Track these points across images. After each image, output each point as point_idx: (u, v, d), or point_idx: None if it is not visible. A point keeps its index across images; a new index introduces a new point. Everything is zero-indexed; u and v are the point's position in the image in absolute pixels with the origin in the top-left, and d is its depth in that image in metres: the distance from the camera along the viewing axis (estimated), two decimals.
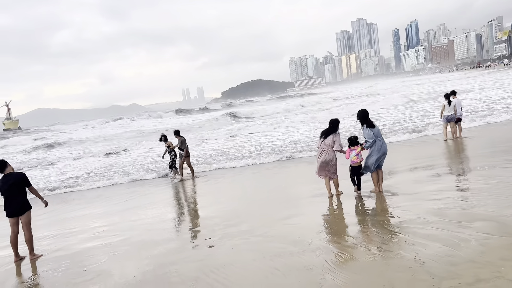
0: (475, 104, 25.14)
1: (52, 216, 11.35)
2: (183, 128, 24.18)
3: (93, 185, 15.62)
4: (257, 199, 10.59)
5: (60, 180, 17.41)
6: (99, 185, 15.52)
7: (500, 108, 21.94)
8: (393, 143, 15.93)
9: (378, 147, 8.88)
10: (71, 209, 12.08)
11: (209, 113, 79.40)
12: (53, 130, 68.21)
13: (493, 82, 47.46)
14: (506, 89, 33.62)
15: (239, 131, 29.29)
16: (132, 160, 20.77)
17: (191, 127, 41.85)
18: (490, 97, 28.79)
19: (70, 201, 13.29)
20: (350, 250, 5.93)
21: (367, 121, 8.96)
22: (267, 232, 7.33)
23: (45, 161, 25.91)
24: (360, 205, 8.51)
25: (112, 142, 35.02)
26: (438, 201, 7.64)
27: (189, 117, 71.42)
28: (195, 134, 31.34)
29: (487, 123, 17.93)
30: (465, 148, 13.41)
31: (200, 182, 13.83)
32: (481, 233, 5.74)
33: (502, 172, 9.27)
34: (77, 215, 11.10)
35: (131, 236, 8.36)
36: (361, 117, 9.04)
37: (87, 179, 16.89)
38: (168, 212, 10.37)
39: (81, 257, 7.40)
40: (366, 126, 8.90)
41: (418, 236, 5.97)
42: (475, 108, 23.38)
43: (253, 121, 39.52)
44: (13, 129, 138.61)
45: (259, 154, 17.56)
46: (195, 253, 6.80)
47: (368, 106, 29.15)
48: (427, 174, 10.30)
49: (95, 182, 15.96)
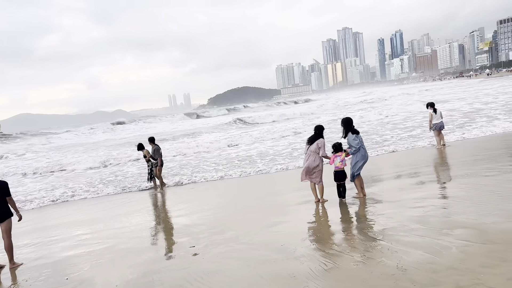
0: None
1: (34, 223, 11.16)
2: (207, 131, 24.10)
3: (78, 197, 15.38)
4: (242, 206, 10.57)
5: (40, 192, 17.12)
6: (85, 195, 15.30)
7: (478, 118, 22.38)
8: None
9: (362, 154, 9.14)
10: (54, 217, 11.89)
11: (210, 118, 79.82)
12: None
13: (474, 92, 48.56)
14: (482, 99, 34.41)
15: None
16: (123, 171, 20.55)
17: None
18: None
19: (52, 208, 13.06)
20: (334, 257, 5.96)
21: (352, 128, 9.17)
22: (252, 240, 7.33)
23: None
24: (344, 212, 8.58)
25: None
26: (421, 208, 7.75)
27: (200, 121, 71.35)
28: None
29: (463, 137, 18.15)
30: (449, 156, 13.64)
31: (186, 189, 13.76)
32: (462, 240, 5.85)
33: (483, 180, 9.46)
34: (59, 223, 10.92)
35: (115, 244, 8.26)
36: (346, 124, 9.26)
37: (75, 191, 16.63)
38: (152, 220, 10.28)
39: (63, 265, 7.28)
40: (352, 133, 9.13)
41: (400, 244, 6.04)
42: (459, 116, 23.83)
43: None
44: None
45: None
46: (179, 261, 6.75)
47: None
48: (411, 182, 10.44)
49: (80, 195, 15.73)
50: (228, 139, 27.27)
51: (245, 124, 47.49)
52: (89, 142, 44.53)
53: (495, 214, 6.79)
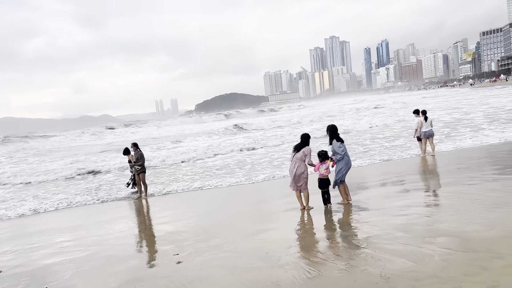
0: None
1: (14, 230, 10.93)
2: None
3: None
4: (228, 214, 10.52)
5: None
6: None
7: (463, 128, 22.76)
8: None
9: (346, 161, 9.34)
10: (35, 223, 11.65)
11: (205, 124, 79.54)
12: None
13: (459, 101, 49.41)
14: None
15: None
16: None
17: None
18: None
19: (33, 215, 12.79)
20: (318, 265, 5.96)
21: (337, 136, 9.32)
22: (237, 248, 7.29)
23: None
24: (329, 220, 8.60)
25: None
26: (405, 216, 7.81)
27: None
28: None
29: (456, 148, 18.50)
30: (433, 164, 13.81)
31: (170, 196, 13.63)
32: (444, 248, 5.90)
33: (465, 188, 9.60)
34: (41, 229, 10.70)
35: (97, 251, 8.12)
36: (331, 132, 9.41)
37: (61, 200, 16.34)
38: (135, 227, 10.15)
39: (43, 273, 7.12)
40: (337, 140, 9.29)
41: (384, 252, 6.07)
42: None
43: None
44: None
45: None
46: (162, 269, 6.67)
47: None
48: (396, 190, 10.54)
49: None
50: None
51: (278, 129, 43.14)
52: (75, 146, 43.88)
53: (477, 223, 6.88)
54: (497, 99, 43.76)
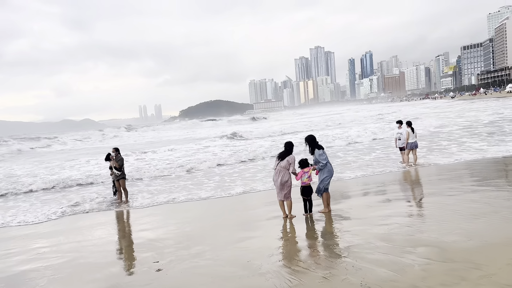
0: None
1: None
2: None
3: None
4: (210, 221, 10.43)
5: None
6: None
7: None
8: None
9: (329, 169, 9.43)
10: (11, 228, 11.32)
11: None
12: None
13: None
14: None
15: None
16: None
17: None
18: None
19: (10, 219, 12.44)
20: (300, 274, 5.94)
21: (317, 145, 9.47)
22: (218, 256, 7.22)
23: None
24: (311, 228, 8.61)
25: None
26: (386, 226, 7.88)
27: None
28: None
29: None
30: (415, 175, 14.00)
31: (153, 203, 13.44)
32: (424, 258, 5.96)
33: (445, 199, 9.75)
34: (17, 234, 10.42)
35: (75, 258, 7.95)
36: (310, 142, 9.51)
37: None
38: (115, 234, 9.98)
39: (18, 280, 6.92)
40: (318, 149, 9.39)
41: (365, 261, 6.10)
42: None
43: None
44: None
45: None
46: (141, 277, 6.55)
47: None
48: (378, 200, 10.63)
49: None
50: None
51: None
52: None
53: (456, 233, 6.98)
54: (476, 113, 44.83)
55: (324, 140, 26.70)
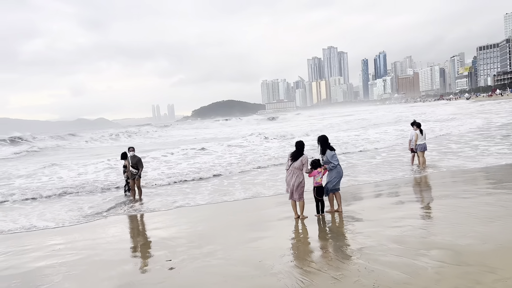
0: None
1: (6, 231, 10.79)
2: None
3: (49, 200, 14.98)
4: (222, 221, 10.49)
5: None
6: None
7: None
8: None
9: (338, 171, 9.58)
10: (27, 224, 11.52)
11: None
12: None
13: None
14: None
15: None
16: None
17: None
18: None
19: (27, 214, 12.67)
20: (311, 275, 5.94)
21: (329, 146, 9.62)
22: (230, 255, 7.26)
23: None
24: (323, 229, 8.59)
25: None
26: (399, 228, 7.82)
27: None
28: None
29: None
30: (428, 177, 13.85)
31: (163, 201, 13.55)
32: (437, 261, 5.91)
33: (460, 202, 9.63)
34: (33, 231, 10.60)
35: (89, 255, 8.06)
36: (323, 142, 9.65)
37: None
38: (128, 232, 10.10)
39: (33, 276, 7.05)
40: (330, 150, 9.55)
41: (377, 263, 6.07)
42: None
43: None
44: None
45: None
46: (154, 275, 6.62)
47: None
48: (391, 201, 10.56)
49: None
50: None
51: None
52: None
53: (471, 236, 6.90)
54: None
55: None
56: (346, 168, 16.85)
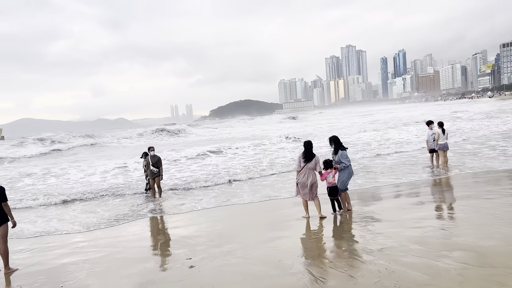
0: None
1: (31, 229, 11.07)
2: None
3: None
4: (241, 220, 10.54)
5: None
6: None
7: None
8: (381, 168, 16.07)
9: (349, 171, 9.76)
10: (51, 223, 11.80)
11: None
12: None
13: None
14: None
15: None
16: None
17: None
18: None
19: (49, 213, 12.97)
20: (331, 276, 5.92)
21: (341, 145, 9.80)
22: (249, 254, 7.29)
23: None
24: (342, 229, 8.54)
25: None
26: (420, 229, 7.72)
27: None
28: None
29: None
30: (449, 177, 13.61)
31: (183, 200, 13.68)
32: (460, 263, 5.81)
33: (483, 202, 9.44)
34: (56, 229, 10.85)
35: (111, 253, 8.22)
36: (336, 142, 9.83)
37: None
38: (149, 230, 10.24)
39: (58, 273, 7.23)
40: (342, 149, 9.72)
41: (398, 264, 6.00)
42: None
43: None
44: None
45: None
46: (175, 273, 6.71)
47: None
48: (411, 202, 10.42)
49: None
50: None
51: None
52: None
53: (495, 238, 6.76)
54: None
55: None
56: (365, 168, 16.71)
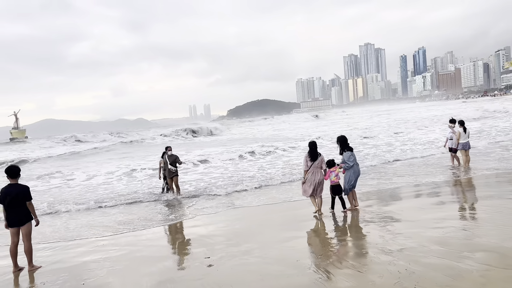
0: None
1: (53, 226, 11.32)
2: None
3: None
4: (258, 219, 10.54)
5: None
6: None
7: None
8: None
9: (354, 170, 9.97)
10: (72, 221, 12.04)
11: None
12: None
13: None
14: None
15: None
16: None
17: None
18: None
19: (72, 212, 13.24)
20: (350, 276, 5.87)
21: (347, 146, 10.04)
22: (267, 254, 7.30)
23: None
24: (361, 230, 8.46)
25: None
26: (441, 229, 7.59)
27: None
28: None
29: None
30: (470, 177, 13.34)
31: (201, 200, 13.77)
32: (483, 264, 5.69)
33: (506, 203, 9.22)
34: (78, 227, 11.06)
35: (131, 251, 8.34)
36: (341, 142, 10.12)
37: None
38: (168, 229, 10.35)
39: (80, 270, 7.38)
40: (347, 150, 9.98)
41: (418, 265, 5.92)
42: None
43: None
44: (20, 138, 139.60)
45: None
46: (194, 272, 6.76)
47: None
48: (431, 202, 10.25)
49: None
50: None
51: None
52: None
53: None
54: None
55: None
56: (388, 169, 16.51)
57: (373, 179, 14.13)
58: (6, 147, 63.67)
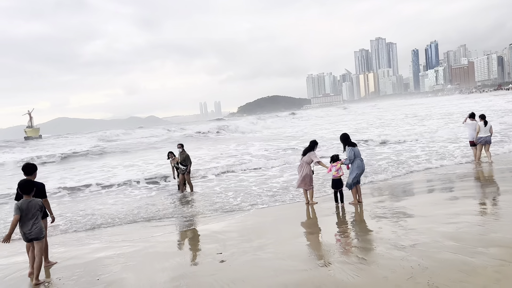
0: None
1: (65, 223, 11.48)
2: None
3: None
4: (270, 215, 10.56)
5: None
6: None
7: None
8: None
9: (357, 165, 10.15)
10: (86, 218, 12.20)
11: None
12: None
13: None
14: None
15: None
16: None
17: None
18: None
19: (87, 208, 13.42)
20: (362, 271, 5.86)
21: (348, 142, 10.33)
22: (279, 249, 7.31)
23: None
24: (373, 225, 8.41)
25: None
26: (454, 224, 7.52)
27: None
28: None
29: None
30: (486, 172, 13.17)
31: (213, 196, 13.84)
32: (498, 259, 5.63)
33: None
34: (92, 223, 11.21)
35: (145, 247, 8.42)
36: (343, 139, 10.45)
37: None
38: (181, 224, 10.42)
39: (94, 266, 7.48)
40: (348, 146, 10.26)
41: (432, 260, 5.87)
42: None
43: None
44: (34, 137, 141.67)
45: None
46: (206, 268, 6.81)
47: None
48: (445, 197, 10.17)
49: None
50: None
51: None
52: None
53: None
54: None
55: None
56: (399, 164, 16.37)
57: (387, 173, 14.00)
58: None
